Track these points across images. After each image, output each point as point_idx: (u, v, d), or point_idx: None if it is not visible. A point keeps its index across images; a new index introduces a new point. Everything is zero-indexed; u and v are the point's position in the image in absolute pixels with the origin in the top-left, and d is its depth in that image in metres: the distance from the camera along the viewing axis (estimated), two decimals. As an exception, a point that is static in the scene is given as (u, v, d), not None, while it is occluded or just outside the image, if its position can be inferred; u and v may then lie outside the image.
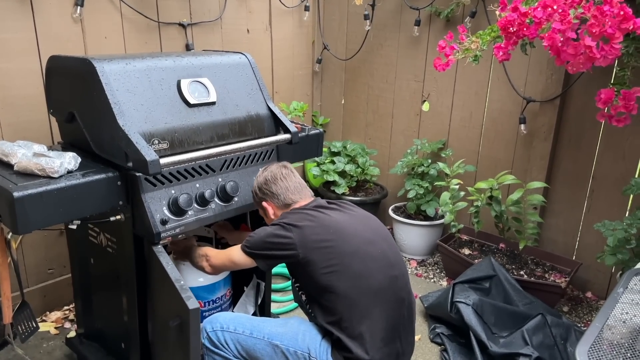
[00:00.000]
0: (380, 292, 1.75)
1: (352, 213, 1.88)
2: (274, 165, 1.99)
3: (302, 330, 1.81)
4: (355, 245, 1.76)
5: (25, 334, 2.03)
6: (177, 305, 1.62)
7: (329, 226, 1.78)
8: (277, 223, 1.80)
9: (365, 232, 1.83)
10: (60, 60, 1.95)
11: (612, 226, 2.45)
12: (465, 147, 3.40)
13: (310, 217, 1.80)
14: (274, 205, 1.94)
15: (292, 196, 1.93)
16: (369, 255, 1.77)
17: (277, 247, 1.76)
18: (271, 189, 1.93)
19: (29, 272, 2.60)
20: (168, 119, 1.84)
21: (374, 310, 1.73)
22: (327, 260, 1.72)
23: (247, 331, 1.82)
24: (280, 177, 1.94)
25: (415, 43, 3.46)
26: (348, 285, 1.72)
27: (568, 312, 2.92)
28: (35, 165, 1.64)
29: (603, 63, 1.83)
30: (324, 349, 1.75)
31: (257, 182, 1.97)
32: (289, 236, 1.74)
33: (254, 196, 2.01)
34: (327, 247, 1.73)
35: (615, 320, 1.63)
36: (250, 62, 2.21)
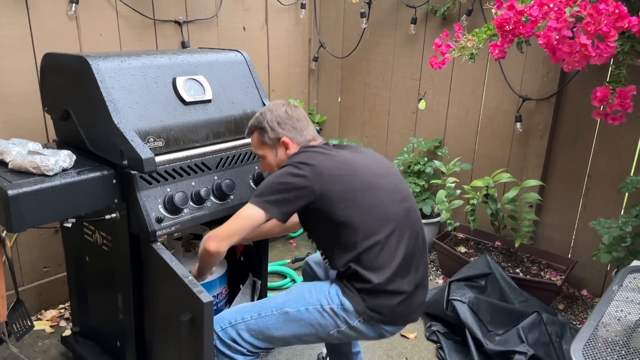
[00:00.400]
0: (396, 223, 1.73)
1: (361, 151, 1.85)
2: (282, 101, 1.90)
3: (306, 288, 1.77)
4: (368, 179, 1.74)
5: (20, 332, 2.03)
6: (187, 301, 1.61)
7: (341, 162, 1.73)
8: (290, 163, 1.72)
9: (376, 167, 1.80)
10: (55, 57, 1.94)
11: (607, 224, 2.46)
12: (462, 145, 3.41)
13: (320, 154, 1.75)
14: (295, 142, 1.84)
15: (313, 134, 1.87)
16: (382, 188, 1.75)
17: (292, 188, 1.66)
18: (295, 124, 1.84)
19: (24, 270, 2.59)
20: (163, 117, 1.83)
21: (391, 240, 1.71)
22: (343, 194, 1.68)
23: (254, 314, 1.74)
24: (304, 117, 1.86)
25: (412, 41, 3.46)
26: (364, 217, 1.68)
27: (564, 310, 2.93)
28: (30, 163, 1.63)
29: (598, 61, 1.83)
30: (333, 293, 1.72)
31: (275, 115, 1.84)
32: (303, 174, 1.67)
33: (266, 134, 1.85)
34: (341, 180, 1.69)
35: (610, 317, 1.63)
36: (246, 59, 2.20)
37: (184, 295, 1.62)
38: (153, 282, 1.84)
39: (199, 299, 1.55)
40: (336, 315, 1.70)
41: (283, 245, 3.58)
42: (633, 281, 1.86)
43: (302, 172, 1.67)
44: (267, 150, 1.88)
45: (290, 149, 1.84)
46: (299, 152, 1.79)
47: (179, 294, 1.65)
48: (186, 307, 1.62)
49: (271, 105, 1.89)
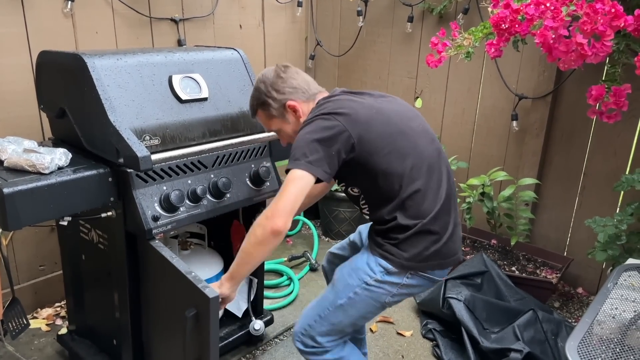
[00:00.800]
0: (433, 164, 1.70)
1: (383, 95, 1.78)
2: (269, 68, 1.79)
3: (346, 272, 1.74)
4: (400, 123, 1.68)
5: (15, 330, 2.02)
6: (191, 296, 1.61)
7: (370, 107, 1.65)
8: (315, 117, 1.61)
9: (403, 111, 1.74)
10: (50, 55, 1.93)
11: (602, 222, 2.46)
12: (458, 143, 3.41)
13: (347, 102, 1.65)
14: (301, 101, 1.74)
15: (315, 87, 1.76)
16: (414, 131, 1.70)
17: (330, 140, 1.56)
18: (292, 83, 1.73)
19: (19, 268, 2.59)
20: (159, 115, 1.83)
21: (432, 183, 1.68)
22: (381, 140, 1.62)
23: (316, 318, 1.75)
24: (293, 70, 1.75)
25: (408, 39, 3.47)
26: (404, 163, 1.64)
27: (559, 308, 2.94)
28: (25, 162, 1.63)
29: (594, 60, 1.84)
30: (372, 263, 1.68)
31: (269, 84, 1.74)
32: (336, 124, 1.58)
33: (269, 104, 1.75)
34: (377, 126, 1.62)
35: (605, 315, 1.64)
36: (242, 57, 2.20)
37: (187, 291, 1.61)
38: (151, 280, 1.84)
39: (205, 294, 1.54)
40: (383, 283, 1.68)
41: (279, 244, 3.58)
42: (628, 279, 1.87)
43: (335, 122, 1.58)
44: (278, 122, 1.80)
45: (299, 110, 1.74)
46: (321, 104, 1.69)
47: (182, 291, 1.64)
48: (190, 303, 1.61)
49: (261, 76, 1.79)
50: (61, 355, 2.38)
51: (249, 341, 2.47)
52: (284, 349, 2.50)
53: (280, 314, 2.75)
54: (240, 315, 2.40)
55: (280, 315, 2.74)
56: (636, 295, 1.77)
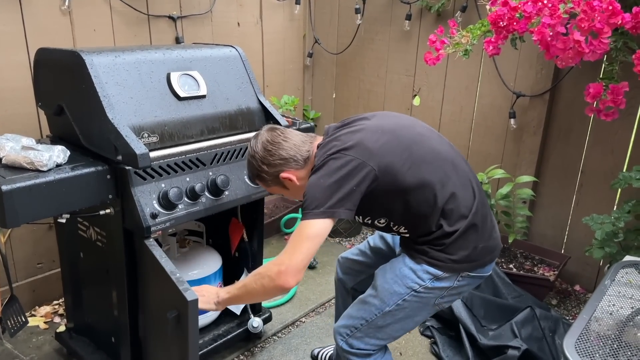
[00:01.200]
0: (453, 159, 1.69)
1: (373, 116, 1.73)
2: (257, 136, 1.72)
3: (391, 280, 1.68)
4: (408, 134, 1.65)
5: (14, 328, 2.02)
6: (174, 298, 1.61)
7: (375, 131, 1.61)
8: (324, 162, 1.56)
9: (400, 120, 1.72)
10: (48, 52, 1.93)
11: (600, 220, 2.47)
12: (456, 141, 3.41)
13: (349, 135, 1.61)
14: (296, 170, 1.68)
15: (307, 146, 1.70)
16: (423, 136, 1.68)
17: (348, 177, 1.50)
18: (281, 155, 1.67)
19: (17, 266, 2.58)
20: (158, 112, 1.83)
21: (462, 179, 1.67)
22: (401, 158, 1.57)
23: (362, 322, 1.71)
24: (280, 138, 1.69)
25: (406, 37, 3.47)
26: (431, 169, 1.61)
27: (557, 305, 2.95)
28: (23, 159, 1.62)
29: (592, 58, 1.84)
30: (420, 270, 1.65)
31: (258, 159, 1.68)
32: (351, 159, 1.53)
33: (263, 177, 1.71)
34: (390, 147, 1.58)
35: (602, 312, 1.65)
36: (240, 55, 2.20)
37: (171, 292, 1.62)
38: (146, 279, 1.84)
39: (184, 297, 1.55)
40: (432, 289, 1.66)
41: (277, 242, 3.59)
42: (625, 276, 1.87)
43: (349, 157, 1.53)
44: (277, 189, 1.77)
45: (294, 179, 1.69)
46: (324, 146, 1.63)
47: (168, 291, 1.65)
48: (173, 304, 1.62)
49: (250, 148, 1.72)
50: (59, 353, 2.38)
51: (247, 338, 2.48)
52: (282, 347, 2.50)
53: (279, 312, 2.75)
54: (238, 313, 2.41)
55: (278, 312, 2.74)
56: (633, 292, 1.77)
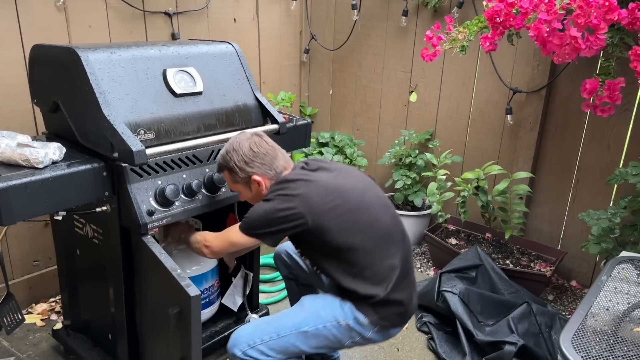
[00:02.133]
0: (391, 232, 1.82)
1: (337, 169, 1.85)
2: (246, 135, 1.84)
3: (319, 305, 1.80)
4: (357, 198, 1.77)
5: (10, 326, 2.02)
6: (175, 294, 1.61)
7: (327, 187, 1.74)
8: (274, 197, 1.72)
9: (358, 184, 1.82)
10: (43, 49, 1.92)
11: (596, 215, 2.48)
12: (453, 137, 3.42)
13: (304, 183, 1.74)
14: (266, 178, 1.81)
15: (283, 163, 1.84)
16: (370, 203, 1.80)
17: (283, 221, 1.69)
18: (263, 160, 1.80)
19: (14, 264, 2.58)
20: (154, 109, 1.82)
21: (391, 250, 1.79)
22: (340, 223, 1.70)
23: (273, 335, 1.76)
24: (268, 147, 1.82)
25: (403, 33, 3.46)
26: (364, 236, 1.74)
27: (553, 301, 2.96)
28: (19, 156, 1.62)
29: (588, 53, 1.84)
30: (347, 308, 1.76)
31: (243, 155, 1.79)
32: (293, 206, 1.68)
33: (235, 172, 1.81)
34: (334, 207, 1.71)
35: (598, 308, 1.65)
36: (237, 51, 2.19)
37: (172, 288, 1.62)
38: (143, 275, 1.84)
39: (187, 292, 1.55)
40: (351, 329, 1.76)
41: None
42: (622, 271, 1.88)
43: (292, 205, 1.68)
44: (240, 187, 1.87)
45: (262, 185, 1.81)
46: (280, 183, 1.77)
47: (168, 287, 1.64)
48: (175, 300, 1.62)
49: (235, 142, 1.83)
50: (56, 350, 2.38)
51: (244, 335, 2.47)
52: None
53: (276, 308, 2.75)
54: (236, 310, 2.40)
55: (275, 309, 2.74)
56: (630, 288, 1.78)
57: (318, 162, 1.89)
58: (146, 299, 1.86)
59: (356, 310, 1.75)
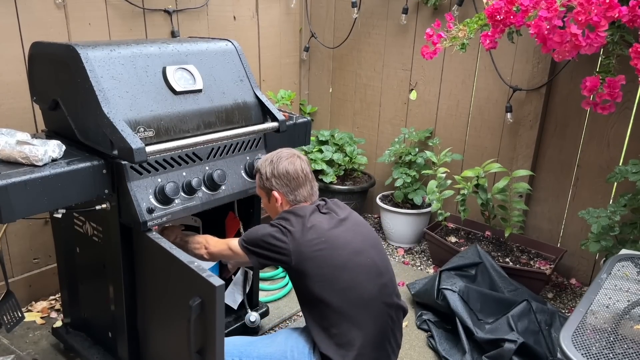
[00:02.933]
0: (371, 301, 1.78)
1: (345, 221, 1.85)
2: (290, 153, 1.92)
3: (289, 346, 1.81)
4: (346, 257, 1.77)
5: (10, 324, 2.02)
6: (195, 286, 1.59)
7: (321, 235, 1.76)
8: (277, 224, 1.79)
9: (355, 242, 1.82)
10: (43, 46, 1.91)
11: (596, 213, 2.48)
12: (452, 135, 3.42)
13: (307, 224, 1.77)
14: (285, 199, 1.90)
15: (305, 195, 1.91)
16: (360, 266, 1.78)
17: (271, 249, 1.77)
18: (289, 183, 1.88)
19: (13, 261, 2.57)
20: (154, 107, 1.82)
21: (365, 319, 1.76)
22: (319, 272, 1.73)
23: (235, 358, 1.80)
24: (301, 174, 1.89)
25: (403, 31, 3.46)
26: (339, 297, 1.73)
27: (552, 299, 2.96)
28: (18, 154, 1.61)
29: (589, 51, 1.84)
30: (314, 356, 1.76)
31: (275, 169, 1.89)
32: (285, 241, 1.75)
33: (262, 180, 1.92)
34: (320, 257, 1.73)
35: (598, 305, 1.65)
36: (237, 49, 2.19)
37: (190, 281, 1.60)
38: (149, 272, 1.83)
39: (211, 283, 1.52)
40: None
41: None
42: (622, 269, 1.88)
43: (285, 240, 1.75)
44: (262, 194, 1.97)
45: (278, 203, 1.90)
46: (289, 212, 1.83)
47: (185, 280, 1.63)
48: (194, 292, 1.59)
49: (277, 155, 1.92)
50: (56, 348, 2.38)
51: (244, 333, 2.47)
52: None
53: (276, 306, 2.76)
54: (236, 308, 2.41)
55: (275, 307, 2.74)
56: (630, 285, 1.78)
57: (335, 206, 1.91)
58: (152, 294, 1.85)
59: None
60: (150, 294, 1.87)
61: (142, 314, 1.93)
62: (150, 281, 1.85)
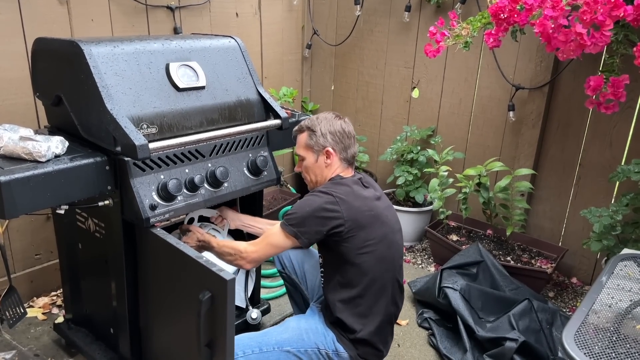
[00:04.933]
0: (394, 277, 1.90)
1: (382, 198, 1.93)
2: (337, 115, 1.96)
3: (304, 328, 1.87)
4: (387, 231, 1.86)
5: (12, 319, 2.02)
6: (204, 280, 1.59)
7: (371, 208, 1.82)
8: (327, 192, 1.79)
9: (392, 220, 1.92)
10: (46, 42, 1.91)
11: (598, 213, 2.48)
12: (454, 134, 3.41)
13: (355, 194, 1.82)
14: (336, 156, 1.91)
15: (353, 156, 1.95)
16: (393, 243, 1.89)
17: (326, 220, 1.75)
18: (344, 140, 1.91)
19: (15, 257, 2.58)
20: (157, 103, 1.82)
21: (387, 293, 1.87)
22: (365, 240, 1.78)
23: (255, 349, 1.81)
24: (353, 134, 1.95)
25: (406, 29, 3.45)
26: (375, 268, 1.81)
27: (554, 298, 2.96)
28: (22, 149, 1.61)
29: (593, 50, 1.84)
30: (330, 339, 1.84)
31: (331, 127, 1.91)
32: (339, 210, 1.75)
33: (316, 137, 1.91)
34: (369, 225, 1.79)
35: (601, 305, 1.65)
36: (240, 46, 2.18)
37: (200, 275, 1.60)
38: (153, 268, 1.83)
39: (221, 277, 1.52)
40: (330, 359, 1.83)
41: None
42: (624, 268, 1.88)
43: (338, 208, 1.76)
44: (310, 153, 1.94)
45: (331, 160, 1.90)
46: (337, 182, 1.85)
47: (194, 275, 1.62)
48: (203, 287, 1.59)
49: (326, 114, 1.95)
50: (58, 344, 2.38)
51: (246, 330, 2.47)
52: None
53: (277, 303, 2.76)
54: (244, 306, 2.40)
55: (277, 304, 2.74)
56: (632, 285, 1.78)
57: (372, 182, 1.97)
58: (157, 290, 1.85)
59: (338, 342, 1.83)
60: (154, 289, 1.87)
61: (145, 310, 1.94)
62: (154, 277, 1.85)
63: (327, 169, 1.92)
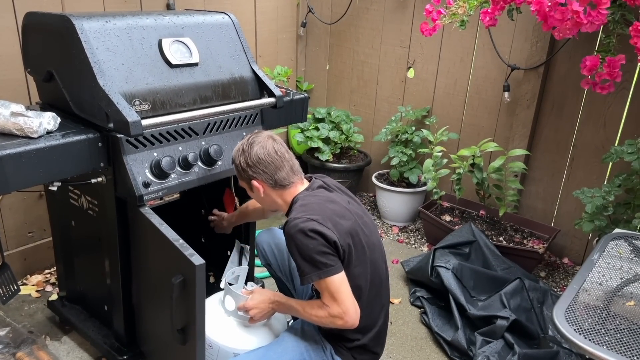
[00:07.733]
0: (384, 280, 1.85)
1: (352, 200, 1.85)
2: (262, 137, 1.79)
3: (303, 346, 1.77)
4: (368, 235, 1.77)
5: (6, 296, 2.02)
6: (178, 263, 1.61)
7: (351, 215, 1.73)
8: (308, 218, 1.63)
9: (367, 220, 1.83)
10: (37, 16, 1.88)
11: (590, 193, 2.49)
12: (449, 114, 3.41)
13: (329, 206, 1.71)
14: (267, 186, 1.78)
15: (285, 179, 1.78)
16: (374, 245, 1.80)
17: (328, 250, 1.63)
18: (265, 168, 1.75)
19: (8, 235, 2.57)
20: (149, 80, 1.80)
21: (383, 298, 1.84)
22: (357, 251, 1.70)
23: None
24: (275, 156, 1.76)
25: (402, 7, 3.42)
26: (366, 277, 1.74)
27: (545, 277, 3.00)
28: (13, 125, 1.60)
29: (589, 29, 1.83)
30: (328, 352, 1.78)
31: (247, 158, 1.76)
32: (331, 234, 1.63)
33: (239, 171, 1.81)
34: (354, 236, 1.70)
35: (591, 283, 1.67)
36: (234, 22, 2.16)
37: (175, 258, 1.61)
38: (141, 246, 1.84)
39: (191, 261, 1.54)
40: None
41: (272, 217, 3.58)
42: (615, 247, 1.90)
43: (329, 233, 1.62)
44: (245, 185, 1.85)
45: (261, 191, 1.79)
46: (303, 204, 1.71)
47: (170, 257, 1.64)
48: (177, 270, 1.61)
49: (248, 142, 1.79)
50: (52, 321, 2.39)
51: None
52: (274, 316, 2.52)
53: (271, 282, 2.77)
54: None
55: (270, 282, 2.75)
56: (622, 264, 1.80)
57: (333, 183, 1.87)
58: (145, 269, 1.86)
59: (336, 354, 1.78)
60: (142, 269, 1.88)
61: (137, 288, 1.94)
62: (141, 256, 1.86)
63: (266, 197, 1.81)
